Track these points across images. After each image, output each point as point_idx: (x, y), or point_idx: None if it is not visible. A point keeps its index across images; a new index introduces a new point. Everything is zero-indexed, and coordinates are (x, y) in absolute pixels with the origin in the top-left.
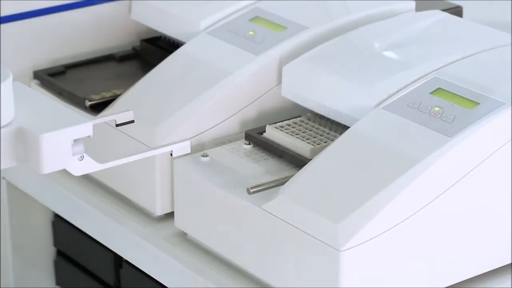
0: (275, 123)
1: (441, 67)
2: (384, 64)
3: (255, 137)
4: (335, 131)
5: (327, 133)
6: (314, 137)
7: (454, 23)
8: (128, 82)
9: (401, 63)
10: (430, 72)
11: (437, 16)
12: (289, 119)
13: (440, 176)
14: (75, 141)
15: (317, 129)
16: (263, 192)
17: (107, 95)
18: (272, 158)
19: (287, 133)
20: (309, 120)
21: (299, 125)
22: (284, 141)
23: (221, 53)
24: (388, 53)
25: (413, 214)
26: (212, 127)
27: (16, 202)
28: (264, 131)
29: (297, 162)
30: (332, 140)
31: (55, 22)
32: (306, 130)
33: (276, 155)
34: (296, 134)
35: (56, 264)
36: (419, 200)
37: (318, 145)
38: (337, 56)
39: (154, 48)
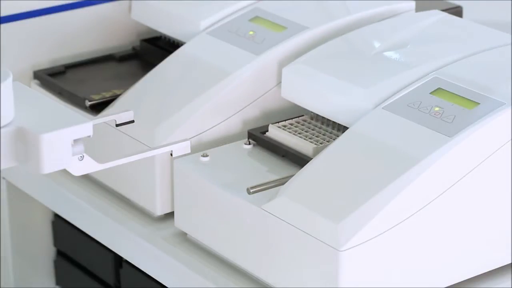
0: (278, 122)
1: (441, 67)
2: (384, 64)
3: (258, 137)
4: (338, 130)
5: (330, 132)
6: (316, 137)
7: (454, 23)
8: (128, 82)
9: (401, 63)
10: (430, 72)
11: (437, 16)
12: (291, 119)
13: (440, 176)
14: (75, 141)
15: (320, 128)
16: (263, 192)
17: (107, 95)
18: (272, 158)
19: (289, 132)
20: (311, 119)
21: (302, 125)
22: (287, 140)
23: (221, 53)
24: (388, 53)
25: (413, 214)
26: (212, 127)
27: (16, 202)
28: (267, 131)
29: (300, 161)
30: (335, 140)
31: (55, 22)
32: (309, 130)
33: (278, 154)
34: (299, 134)
35: (56, 264)
36: (419, 200)
37: (321, 145)
38: (337, 57)
39: (154, 48)
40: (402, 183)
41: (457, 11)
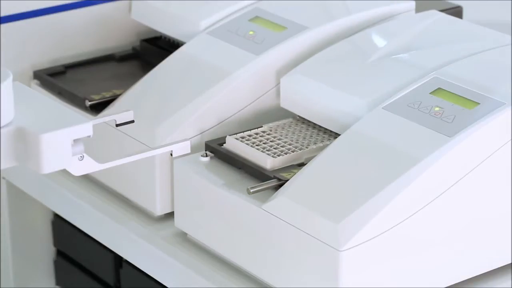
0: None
1: (441, 67)
2: (383, 70)
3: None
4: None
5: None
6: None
7: (453, 24)
8: (128, 82)
9: (401, 63)
10: (430, 72)
11: (436, 16)
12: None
13: (440, 176)
14: (75, 141)
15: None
16: (263, 192)
17: (107, 95)
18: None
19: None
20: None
21: (261, 136)
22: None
23: (221, 53)
24: (387, 58)
25: (413, 214)
26: (212, 127)
27: (16, 202)
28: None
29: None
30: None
31: (55, 22)
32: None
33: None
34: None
35: (56, 264)
36: (419, 200)
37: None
38: (335, 64)
39: (154, 48)
40: (402, 183)
41: (457, 11)
